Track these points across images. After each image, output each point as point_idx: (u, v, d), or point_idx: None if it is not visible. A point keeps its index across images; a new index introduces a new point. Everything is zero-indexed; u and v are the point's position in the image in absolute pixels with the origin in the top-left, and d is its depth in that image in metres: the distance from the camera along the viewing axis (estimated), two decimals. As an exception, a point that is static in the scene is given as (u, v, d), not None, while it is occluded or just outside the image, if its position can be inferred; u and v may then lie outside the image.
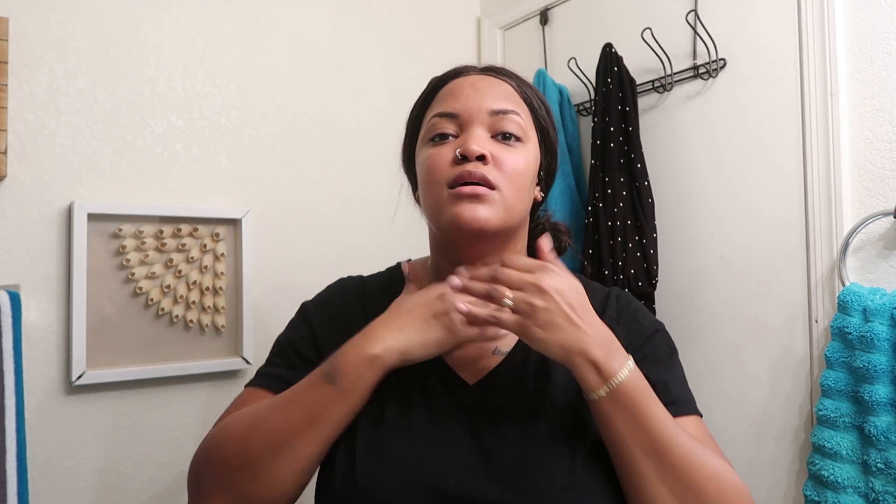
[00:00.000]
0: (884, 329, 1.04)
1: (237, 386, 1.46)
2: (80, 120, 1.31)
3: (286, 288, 1.53)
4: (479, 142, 0.77)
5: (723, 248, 1.34)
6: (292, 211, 1.55)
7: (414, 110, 0.88)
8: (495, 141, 0.79)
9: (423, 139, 0.83)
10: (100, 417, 1.30)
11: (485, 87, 0.81)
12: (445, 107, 0.81)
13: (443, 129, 0.80)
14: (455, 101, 0.80)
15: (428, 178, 0.80)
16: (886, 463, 1.02)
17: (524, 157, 0.80)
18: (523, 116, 0.82)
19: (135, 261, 1.33)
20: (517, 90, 0.84)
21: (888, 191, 1.11)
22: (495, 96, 0.80)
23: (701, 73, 1.37)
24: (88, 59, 1.32)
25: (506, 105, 0.80)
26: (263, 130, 1.52)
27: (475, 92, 0.80)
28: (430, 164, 0.79)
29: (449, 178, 0.77)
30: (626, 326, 0.85)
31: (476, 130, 0.78)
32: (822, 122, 1.18)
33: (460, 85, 0.82)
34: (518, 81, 0.85)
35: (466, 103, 0.79)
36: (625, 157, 1.41)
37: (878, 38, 1.13)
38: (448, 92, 0.83)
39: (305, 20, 1.60)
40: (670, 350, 0.88)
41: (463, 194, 0.76)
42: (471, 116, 0.79)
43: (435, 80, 0.86)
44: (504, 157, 0.78)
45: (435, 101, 0.84)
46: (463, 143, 0.77)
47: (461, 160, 0.77)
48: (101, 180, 1.33)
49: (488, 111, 0.79)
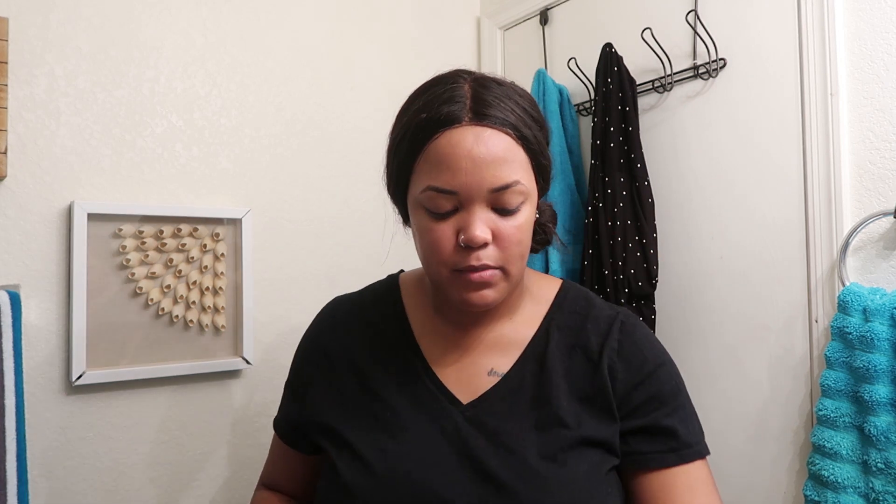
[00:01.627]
0: (884, 329, 1.04)
1: (237, 386, 1.46)
2: (80, 120, 1.31)
3: (286, 288, 1.54)
4: (482, 227, 0.74)
5: (722, 248, 1.34)
6: (292, 211, 1.55)
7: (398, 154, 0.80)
8: (495, 213, 0.76)
9: (418, 202, 0.77)
10: (100, 417, 1.30)
11: (483, 157, 0.73)
12: (441, 182, 0.74)
13: (441, 206, 0.75)
14: (452, 177, 0.73)
15: (429, 254, 0.78)
16: (886, 463, 1.02)
17: (524, 217, 0.77)
18: (524, 177, 0.76)
19: (135, 261, 1.33)
20: (515, 137, 0.76)
21: (888, 191, 1.11)
22: (495, 169, 0.74)
23: (701, 73, 1.37)
24: (88, 60, 1.32)
25: (506, 177, 0.74)
26: (263, 130, 1.52)
27: (474, 166, 0.73)
28: (432, 243, 0.77)
29: (453, 262, 0.76)
30: (626, 360, 0.83)
31: (477, 212, 0.74)
32: (822, 122, 1.18)
33: (454, 151, 0.73)
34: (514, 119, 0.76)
35: (465, 181, 0.73)
36: (625, 157, 1.41)
37: (878, 37, 1.13)
38: (442, 158, 0.74)
39: (305, 20, 1.60)
40: (676, 387, 0.85)
41: (471, 282, 0.76)
42: (470, 195, 0.74)
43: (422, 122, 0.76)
44: (505, 231, 0.76)
45: (426, 160, 0.76)
46: (465, 228, 0.74)
47: (464, 247, 0.75)
48: (101, 180, 1.33)
49: (489, 189, 0.74)
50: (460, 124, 0.74)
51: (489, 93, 0.77)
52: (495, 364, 0.84)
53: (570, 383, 0.82)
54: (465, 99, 0.76)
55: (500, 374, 0.83)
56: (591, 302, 0.90)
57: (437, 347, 0.87)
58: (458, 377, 0.84)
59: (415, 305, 0.91)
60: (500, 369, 0.84)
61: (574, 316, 0.87)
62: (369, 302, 0.95)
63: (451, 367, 0.85)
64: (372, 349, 0.89)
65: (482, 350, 0.85)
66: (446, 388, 0.83)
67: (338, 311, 0.96)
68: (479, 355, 0.85)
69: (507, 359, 0.84)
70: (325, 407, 0.88)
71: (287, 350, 1.52)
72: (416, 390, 0.84)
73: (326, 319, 0.96)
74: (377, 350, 0.89)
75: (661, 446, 0.80)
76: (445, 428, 0.80)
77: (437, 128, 0.75)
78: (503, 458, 0.77)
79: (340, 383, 0.88)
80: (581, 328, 0.86)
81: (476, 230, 0.74)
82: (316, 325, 0.97)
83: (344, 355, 0.90)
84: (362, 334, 0.91)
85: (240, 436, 1.46)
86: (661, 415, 0.81)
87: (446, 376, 0.84)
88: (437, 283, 0.81)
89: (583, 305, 0.89)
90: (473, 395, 0.82)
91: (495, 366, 0.84)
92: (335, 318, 0.95)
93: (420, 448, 0.79)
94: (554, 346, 0.84)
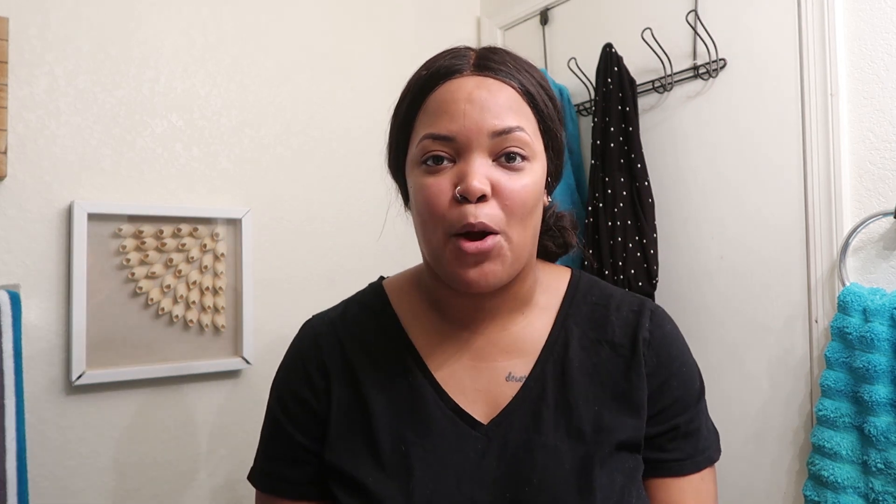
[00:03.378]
0: (884, 329, 1.04)
1: (236, 386, 1.46)
2: (80, 120, 1.31)
3: (286, 288, 1.54)
4: (480, 176, 0.66)
5: (722, 248, 1.34)
6: (292, 210, 1.55)
7: (398, 115, 0.74)
8: (497, 165, 0.68)
9: (414, 159, 0.71)
10: (100, 417, 1.31)
11: (484, 99, 0.68)
12: (439, 127, 0.68)
13: (436, 152, 0.68)
14: (450, 121, 0.67)
15: (424, 214, 0.69)
16: (886, 463, 1.02)
17: (531, 178, 0.69)
18: (529, 128, 0.70)
19: (135, 261, 1.33)
20: (520, 91, 0.70)
21: (888, 191, 1.11)
22: (496, 111, 0.68)
23: (701, 74, 1.37)
24: (88, 59, 1.32)
25: (509, 122, 0.68)
26: (263, 130, 1.52)
27: (472, 107, 0.67)
28: (427, 198, 0.68)
29: (449, 221, 0.67)
30: (657, 353, 0.77)
31: (475, 160, 0.67)
32: (822, 122, 1.18)
33: (454, 96, 0.68)
34: (521, 77, 0.71)
35: (463, 124, 0.67)
36: (625, 157, 1.41)
37: (878, 38, 1.13)
38: (440, 103, 0.69)
39: (305, 20, 1.60)
40: (699, 390, 0.79)
41: (468, 254, 0.66)
42: (469, 140, 0.67)
43: (422, 77, 0.72)
44: (508, 186, 0.67)
45: (425, 112, 0.70)
46: (462, 178, 0.67)
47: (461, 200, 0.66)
48: (101, 180, 1.33)
49: (489, 132, 0.67)
50: (461, 74, 0.70)
51: (496, 54, 0.72)
52: (512, 368, 0.75)
53: (598, 382, 0.75)
54: (468, 56, 0.71)
55: (521, 378, 0.74)
56: (609, 291, 0.82)
57: (444, 357, 0.76)
58: (474, 387, 0.74)
59: (410, 313, 0.80)
60: (519, 373, 0.75)
61: (593, 307, 0.79)
62: (355, 316, 0.82)
63: (465, 378, 0.75)
64: (370, 371, 0.77)
65: (496, 353, 0.76)
66: (462, 410, 0.73)
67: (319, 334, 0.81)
68: (493, 359, 0.76)
69: (524, 361, 0.75)
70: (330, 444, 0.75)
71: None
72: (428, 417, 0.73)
73: (308, 343, 0.81)
74: (376, 371, 0.77)
75: (680, 454, 0.76)
76: (469, 457, 0.71)
77: (437, 80, 0.70)
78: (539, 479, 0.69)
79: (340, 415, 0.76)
80: (604, 321, 0.78)
81: (473, 179, 0.65)
82: (299, 351, 0.82)
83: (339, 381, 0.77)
84: (355, 354, 0.78)
85: (240, 435, 1.46)
86: (683, 420, 0.76)
87: (461, 391, 0.74)
88: (434, 257, 0.71)
89: (600, 295, 0.80)
90: (494, 408, 0.73)
91: (512, 370, 0.75)
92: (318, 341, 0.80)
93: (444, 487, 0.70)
94: (576, 343, 0.76)
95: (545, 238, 0.83)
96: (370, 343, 0.79)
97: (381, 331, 0.79)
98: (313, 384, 0.78)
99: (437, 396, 0.74)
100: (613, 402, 0.74)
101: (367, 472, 0.71)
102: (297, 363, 0.80)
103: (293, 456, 0.78)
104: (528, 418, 0.72)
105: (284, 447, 0.78)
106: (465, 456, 0.71)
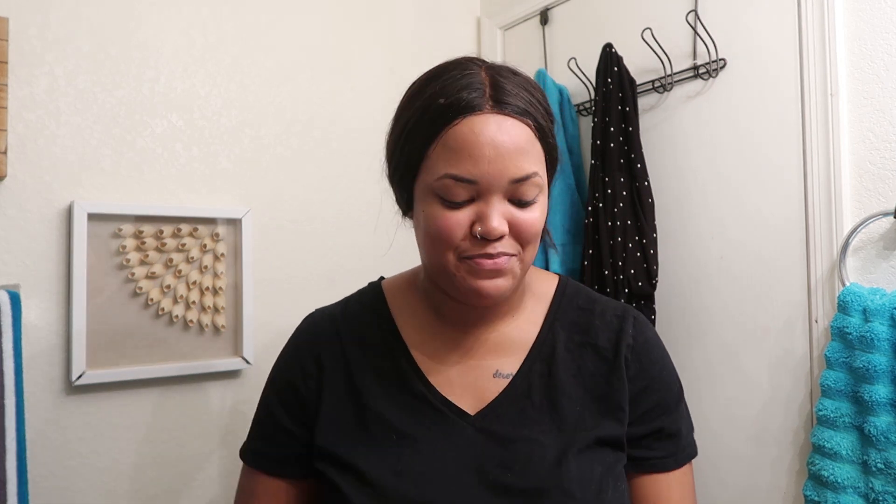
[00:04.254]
0: (884, 329, 1.04)
1: (237, 386, 1.46)
2: (80, 120, 1.31)
3: (286, 288, 1.54)
4: (499, 219, 0.71)
5: (722, 248, 1.34)
6: (292, 211, 1.55)
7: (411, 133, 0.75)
8: (512, 206, 0.72)
9: (429, 189, 0.73)
10: (100, 417, 1.31)
11: (506, 146, 0.70)
12: (461, 170, 0.70)
13: (457, 195, 0.71)
14: (473, 166, 0.70)
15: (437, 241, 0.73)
16: (886, 463, 1.02)
17: (541, 210, 0.75)
18: (540, 169, 0.74)
19: (135, 260, 1.33)
20: (534, 128, 0.73)
21: (888, 191, 1.11)
22: (516, 158, 0.71)
23: (701, 74, 1.37)
24: (88, 59, 1.32)
25: (526, 169, 0.71)
26: (263, 130, 1.53)
27: (496, 153, 0.70)
28: (441, 229, 0.72)
29: (463, 249, 0.72)
30: (639, 359, 0.82)
31: (495, 205, 0.71)
32: (822, 122, 1.18)
33: (477, 140, 0.70)
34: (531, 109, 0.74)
35: (487, 170, 0.70)
36: (625, 157, 1.41)
37: (879, 38, 1.13)
38: (462, 144, 0.70)
39: (305, 20, 1.60)
40: (679, 391, 0.86)
41: (483, 270, 0.71)
42: (490, 185, 0.70)
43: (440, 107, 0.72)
44: (522, 221, 0.72)
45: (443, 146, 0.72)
46: (481, 219, 0.71)
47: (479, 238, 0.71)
48: (102, 180, 1.33)
49: (509, 180, 0.71)
50: (482, 111, 0.71)
51: (507, 81, 0.74)
52: (500, 366, 0.80)
53: (582, 383, 0.80)
54: (483, 86, 0.73)
55: (507, 376, 0.80)
56: (593, 297, 0.88)
57: (435, 354, 0.82)
58: (462, 383, 0.80)
59: (405, 311, 0.85)
60: (506, 371, 0.80)
61: (579, 312, 0.85)
62: (354, 313, 0.87)
63: (453, 373, 0.80)
64: (364, 363, 0.83)
65: (484, 352, 0.81)
66: (450, 401, 0.78)
67: (319, 327, 0.87)
68: (481, 357, 0.81)
69: (512, 360, 0.81)
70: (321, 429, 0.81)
71: (287, 350, 1.53)
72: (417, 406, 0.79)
73: (307, 335, 0.88)
74: (370, 364, 0.82)
75: (664, 452, 0.82)
76: (456, 444, 0.76)
77: (457, 114, 0.71)
78: (521, 466, 0.74)
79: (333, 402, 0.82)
80: (589, 325, 0.83)
81: (494, 221, 0.70)
82: (296, 342, 0.88)
83: (334, 372, 0.83)
84: (351, 348, 0.84)
85: (240, 436, 1.46)
86: (666, 421, 0.82)
87: (448, 385, 0.80)
88: (442, 273, 0.75)
89: (585, 301, 0.86)
90: (480, 402, 0.79)
91: (500, 367, 0.80)
92: (317, 333, 0.87)
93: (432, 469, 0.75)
94: (562, 345, 0.82)
95: None
96: (366, 337, 0.84)
97: (376, 327, 0.85)
98: (306, 372, 0.84)
99: (426, 389, 0.79)
100: (595, 402, 0.80)
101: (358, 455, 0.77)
102: (294, 351, 0.87)
103: (277, 437, 0.85)
104: (514, 412, 0.78)
105: (271, 428, 0.86)
106: (452, 442, 0.76)
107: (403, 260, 1.70)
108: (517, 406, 0.78)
